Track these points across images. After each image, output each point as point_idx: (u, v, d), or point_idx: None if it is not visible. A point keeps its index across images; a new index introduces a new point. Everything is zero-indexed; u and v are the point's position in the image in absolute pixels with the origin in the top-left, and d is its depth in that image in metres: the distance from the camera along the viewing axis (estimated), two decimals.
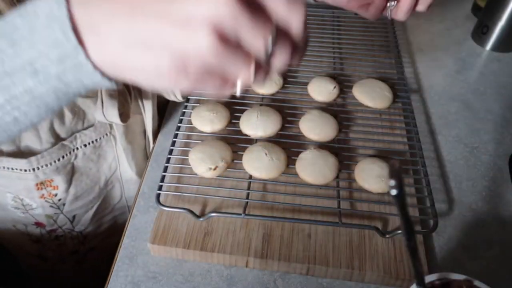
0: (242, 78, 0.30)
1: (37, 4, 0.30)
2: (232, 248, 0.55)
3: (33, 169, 0.61)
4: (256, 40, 0.28)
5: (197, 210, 0.58)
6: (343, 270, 0.53)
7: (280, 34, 0.29)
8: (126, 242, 0.58)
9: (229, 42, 0.28)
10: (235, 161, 0.62)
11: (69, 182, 0.66)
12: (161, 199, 0.58)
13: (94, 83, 0.31)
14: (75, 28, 0.29)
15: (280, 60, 0.30)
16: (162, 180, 0.60)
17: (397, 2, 0.51)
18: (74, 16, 0.29)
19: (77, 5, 0.30)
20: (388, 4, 0.52)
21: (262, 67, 0.30)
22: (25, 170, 0.61)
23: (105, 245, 0.78)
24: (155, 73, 0.30)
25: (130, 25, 0.29)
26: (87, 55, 0.30)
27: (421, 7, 0.51)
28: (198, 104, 0.70)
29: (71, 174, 0.65)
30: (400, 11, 0.52)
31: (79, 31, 0.30)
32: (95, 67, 0.30)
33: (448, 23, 0.95)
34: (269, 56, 0.29)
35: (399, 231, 0.55)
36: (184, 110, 0.69)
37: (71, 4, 0.30)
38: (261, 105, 0.71)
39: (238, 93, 0.31)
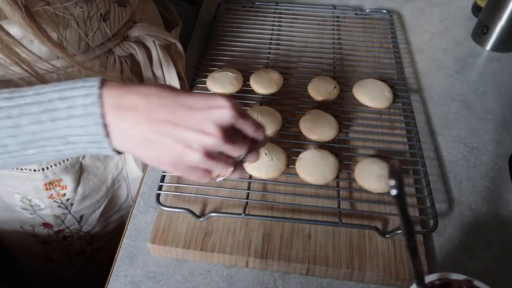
0: (221, 173, 0.45)
1: (76, 93, 0.39)
2: (232, 248, 0.55)
3: (43, 169, 0.62)
4: (234, 155, 0.44)
5: (197, 210, 0.58)
6: (343, 270, 0.53)
7: (251, 143, 0.45)
8: (126, 242, 0.58)
9: (214, 156, 0.42)
10: None
11: (77, 182, 0.66)
12: (161, 199, 0.58)
13: (109, 154, 0.42)
14: (105, 124, 0.39)
15: (250, 161, 0.47)
16: (162, 180, 0.60)
17: None
18: (106, 116, 0.39)
19: (109, 107, 0.39)
20: None
21: (238, 165, 0.46)
22: (35, 170, 0.62)
23: (112, 245, 0.78)
24: (156, 163, 0.43)
25: (145, 132, 0.40)
26: (110, 143, 0.40)
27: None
28: None
29: (79, 173, 0.65)
30: None
31: (108, 127, 0.40)
32: (113, 150, 0.41)
33: (448, 23, 0.95)
34: (242, 161, 0.46)
35: (399, 231, 0.55)
36: None
37: (104, 105, 0.39)
38: (261, 105, 0.71)
39: (218, 180, 0.48)
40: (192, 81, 0.75)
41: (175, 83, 0.64)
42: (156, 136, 0.40)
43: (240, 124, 0.43)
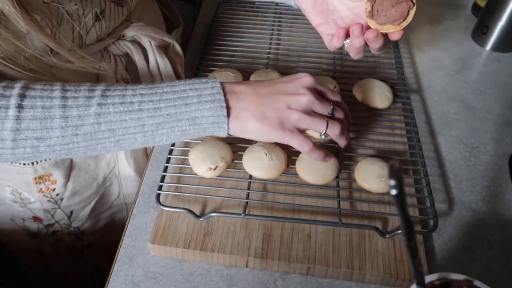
0: (319, 130, 0.53)
1: (203, 86, 0.49)
2: (232, 248, 0.55)
3: (32, 163, 0.62)
4: (323, 110, 0.54)
5: (197, 210, 0.58)
6: (343, 270, 0.53)
7: (335, 105, 0.56)
8: (126, 242, 0.58)
9: (310, 114, 0.52)
10: (235, 161, 0.62)
11: (68, 177, 0.66)
12: (161, 199, 0.58)
13: (222, 136, 0.50)
14: (227, 106, 0.49)
15: (338, 115, 0.55)
16: (162, 180, 0.60)
17: (351, 42, 0.57)
18: (228, 101, 0.49)
19: (227, 94, 0.50)
20: (345, 42, 0.57)
21: (333, 124, 0.54)
22: (24, 164, 0.62)
23: (102, 242, 0.78)
24: (266, 133, 0.51)
25: (256, 106, 0.50)
26: (228, 123, 0.49)
27: (373, 52, 0.57)
28: None
29: (69, 169, 0.65)
30: (351, 51, 0.58)
31: (228, 109, 0.49)
32: (228, 130, 0.50)
33: (448, 23, 0.95)
34: (332, 116, 0.55)
35: (399, 231, 0.55)
36: None
37: (226, 92, 0.50)
38: None
39: (323, 139, 0.56)
40: None
41: None
42: (264, 106, 0.50)
43: (320, 87, 0.55)
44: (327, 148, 0.64)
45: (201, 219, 0.57)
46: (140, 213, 0.61)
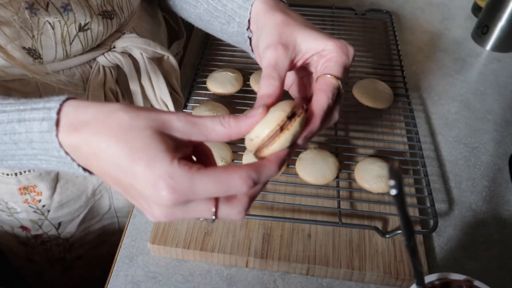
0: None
1: (34, 115, 0.36)
2: (232, 248, 0.55)
3: (15, 174, 0.60)
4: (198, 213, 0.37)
5: None
6: (343, 270, 0.53)
7: None
8: (126, 242, 0.58)
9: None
10: (235, 161, 0.62)
11: (53, 189, 0.64)
12: None
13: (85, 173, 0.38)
14: (66, 152, 0.36)
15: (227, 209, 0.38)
16: None
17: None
18: (62, 143, 0.35)
19: (65, 133, 0.35)
20: None
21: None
22: (7, 174, 0.60)
23: (93, 255, 0.77)
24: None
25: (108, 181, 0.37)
26: (79, 165, 0.37)
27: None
28: (198, 105, 0.70)
29: (55, 181, 0.63)
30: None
31: (70, 154, 0.36)
32: (85, 170, 0.37)
33: (448, 23, 0.95)
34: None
35: (399, 231, 0.55)
36: (184, 110, 0.69)
37: (60, 132, 0.35)
38: None
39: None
40: (192, 81, 0.75)
41: (166, 96, 0.62)
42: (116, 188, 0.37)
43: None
44: (326, 148, 0.64)
45: (201, 219, 0.57)
46: (140, 213, 0.61)
